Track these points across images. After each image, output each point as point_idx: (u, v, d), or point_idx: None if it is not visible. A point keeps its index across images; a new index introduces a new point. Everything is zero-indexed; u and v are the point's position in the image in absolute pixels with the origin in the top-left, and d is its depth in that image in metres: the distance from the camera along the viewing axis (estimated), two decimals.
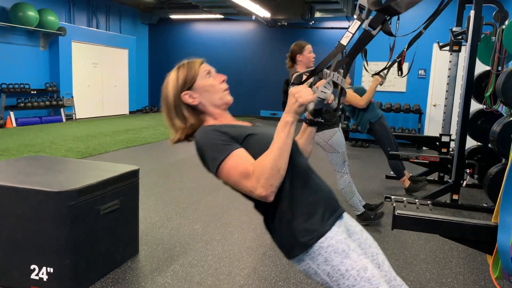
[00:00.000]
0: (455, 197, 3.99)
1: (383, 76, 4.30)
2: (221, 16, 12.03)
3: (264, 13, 10.22)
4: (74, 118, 10.49)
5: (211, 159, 1.19)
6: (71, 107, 10.38)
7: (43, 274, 2.15)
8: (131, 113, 12.80)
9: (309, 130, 1.40)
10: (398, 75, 4.79)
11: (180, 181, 4.74)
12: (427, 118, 7.98)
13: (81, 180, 2.27)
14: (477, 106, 4.38)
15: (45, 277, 2.15)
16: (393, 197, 4.04)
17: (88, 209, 2.22)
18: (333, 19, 11.09)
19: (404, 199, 3.93)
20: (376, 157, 6.73)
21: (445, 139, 4.62)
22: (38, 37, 9.72)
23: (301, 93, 1.11)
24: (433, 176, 5.10)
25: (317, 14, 10.58)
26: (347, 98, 4.27)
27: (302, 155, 1.34)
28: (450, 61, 4.59)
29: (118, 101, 12.24)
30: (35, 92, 9.48)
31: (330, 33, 11.30)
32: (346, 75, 1.18)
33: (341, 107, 7.19)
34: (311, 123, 1.34)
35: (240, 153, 1.18)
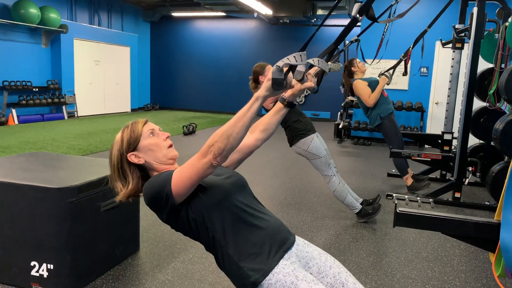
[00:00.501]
0: (457, 195, 3.98)
1: (388, 76, 4.29)
2: (223, 14, 12.02)
3: (266, 10, 10.22)
4: (76, 115, 10.50)
5: (162, 185, 1.24)
6: (73, 104, 10.39)
7: (43, 270, 2.15)
8: (133, 110, 12.81)
9: (282, 112, 1.45)
10: (403, 74, 4.78)
11: None
12: (429, 116, 7.95)
13: (81, 176, 2.27)
14: (479, 104, 4.36)
15: (45, 274, 2.15)
16: (394, 195, 4.03)
17: (89, 205, 2.22)
18: (335, 16, 11.06)
19: (406, 197, 3.92)
20: (378, 155, 6.72)
21: (447, 137, 4.60)
22: (40, 34, 9.72)
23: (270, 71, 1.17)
24: (435, 174, 5.09)
25: (319, 12, 10.56)
26: (358, 91, 4.30)
27: (246, 191, 1.39)
28: (453, 59, 4.56)
29: (120, 99, 12.25)
30: (37, 89, 9.50)
31: (331, 30, 11.27)
32: (329, 60, 1.28)
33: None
34: (288, 104, 1.42)
35: (179, 169, 1.23)
